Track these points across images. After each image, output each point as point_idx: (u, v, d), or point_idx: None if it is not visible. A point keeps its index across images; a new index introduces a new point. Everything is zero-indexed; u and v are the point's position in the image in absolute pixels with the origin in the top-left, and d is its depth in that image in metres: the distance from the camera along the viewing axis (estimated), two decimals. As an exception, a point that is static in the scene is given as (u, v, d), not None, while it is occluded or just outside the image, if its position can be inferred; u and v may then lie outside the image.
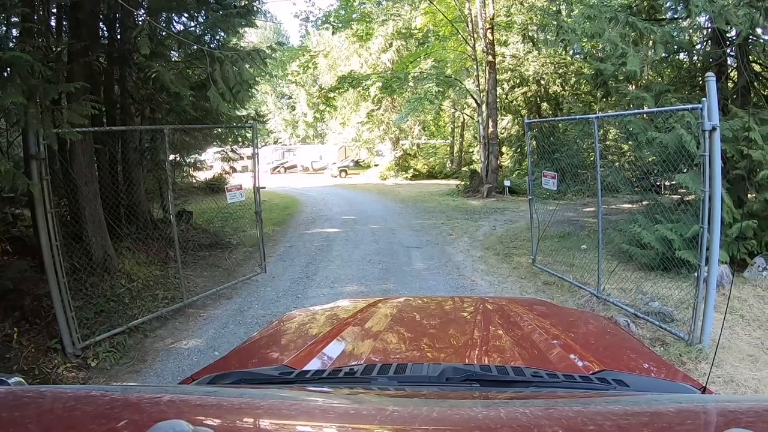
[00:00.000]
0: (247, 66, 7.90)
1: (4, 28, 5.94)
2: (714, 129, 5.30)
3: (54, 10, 8.03)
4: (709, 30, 9.64)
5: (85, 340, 5.89)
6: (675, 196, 10.08)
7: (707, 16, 9.15)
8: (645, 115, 8.84)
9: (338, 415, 1.05)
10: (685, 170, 7.71)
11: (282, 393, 1.33)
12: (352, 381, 1.46)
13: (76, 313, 5.83)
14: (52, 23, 8.08)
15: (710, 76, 5.40)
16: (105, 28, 8.80)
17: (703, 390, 1.58)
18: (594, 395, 1.37)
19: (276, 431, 0.97)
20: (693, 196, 7.93)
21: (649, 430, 0.95)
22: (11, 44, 5.90)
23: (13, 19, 6.08)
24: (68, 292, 5.70)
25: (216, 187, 13.34)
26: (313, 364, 1.70)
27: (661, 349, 5.65)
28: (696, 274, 5.76)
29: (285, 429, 0.98)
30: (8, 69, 5.15)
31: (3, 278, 6.32)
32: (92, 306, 6.80)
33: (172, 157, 9.82)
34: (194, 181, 13.41)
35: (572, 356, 1.79)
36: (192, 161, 12.60)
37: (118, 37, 8.88)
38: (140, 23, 7.91)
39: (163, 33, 8.62)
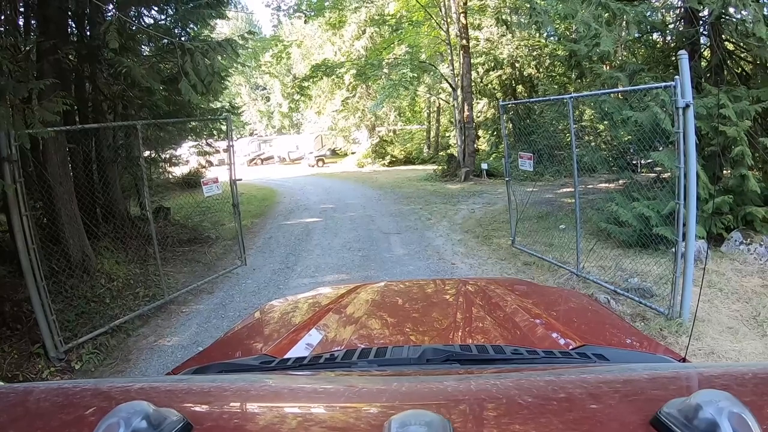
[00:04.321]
0: (219, 57, 7.84)
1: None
2: (687, 106, 5.38)
3: (21, 9, 7.88)
4: (682, 9, 9.71)
5: (68, 343, 5.84)
6: (651, 174, 10.21)
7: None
8: (620, 95, 8.93)
9: (305, 395, 1.07)
10: (660, 148, 7.80)
11: (253, 377, 1.36)
12: (333, 366, 1.46)
13: (57, 316, 5.77)
14: (20, 22, 7.94)
15: (683, 54, 5.47)
16: (74, 25, 8.65)
17: (683, 361, 1.61)
18: (570, 367, 1.38)
19: (237, 413, 0.99)
20: (669, 174, 8.03)
21: (620, 395, 0.97)
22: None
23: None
24: (48, 296, 5.63)
25: (193, 182, 13.27)
26: (294, 352, 1.70)
27: (642, 324, 5.75)
28: (674, 249, 5.89)
29: (248, 409, 1.00)
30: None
31: (-19, 286, 6.26)
32: (73, 308, 6.74)
33: (147, 153, 9.74)
34: (170, 176, 13.32)
35: (553, 333, 1.81)
36: (167, 157, 12.50)
37: (88, 33, 8.74)
38: (109, 18, 7.80)
39: (133, 27, 8.50)
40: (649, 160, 9.69)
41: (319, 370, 1.46)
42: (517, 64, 25.76)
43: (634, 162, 10.73)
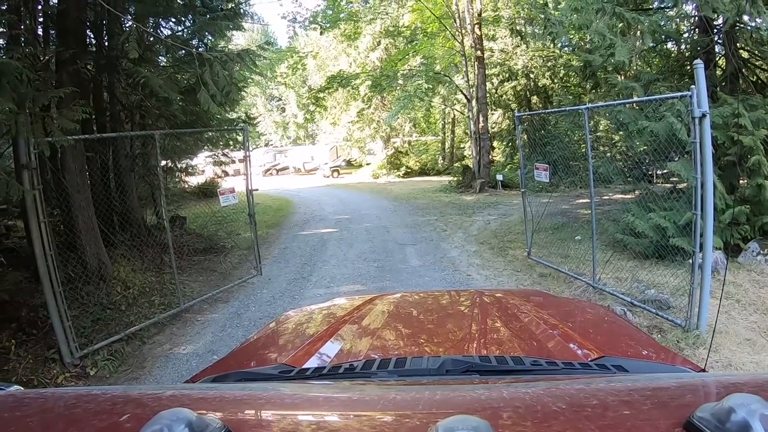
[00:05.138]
0: (237, 67, 7.89)
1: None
2: (704, 116, 5.32)
3: (41, 19, 7.99)
4: (696, 18, 9.66)
5: (83, 349, 5.87)
6: (667, 185, 10.12)
7: (694, 5, 9.18)
8: (635, 105, 8.87)
9: (341, 404, 1.07)
10: (676, 158, 7.74)
11: (283, 386, 1.35)
12: (352, 376, 1.46)
13: (73, 322, 5.80)
14: (39, 32, 8.05)
15: (698, 63, 5.42)
16: (92, 36, 8.76)
17: (702, 372, 1.60)
18: (595, 377, 1.38)
19: (279, 420, 0.98)
20: (685, 184, 7.96)
21: (651, 402, 0.97)
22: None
23: (-1, 30, 6.07)
24: (64, 302, 5.66)
25: (208, 191, 13.38)
26: (313, 362, 1.70)
27: (659, 336, 5.67)
28: (691, 260, 5.81)
29: (288, 418, 0.99)
30: (-2, 77, 5.13)
31: (-2, 290, 6.30)
32: (89, 315, 6.78)
33: (163, 162, 9.80)
34: (186, 186, 13.40)
35: (571, 344, 1.79)
36: (183, 166, 12.59)
37: (106, 44, 8.85)
38: (127, 29, 7.90)
39: (151, 38, 8.60)
40: (665, 171, 9.62)
41: (339, 380, 1.45)
42: (531, 75, 25.77)
43: (649, 172, 10.64)
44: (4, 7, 6.34)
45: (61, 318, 5.59)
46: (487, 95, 23.39)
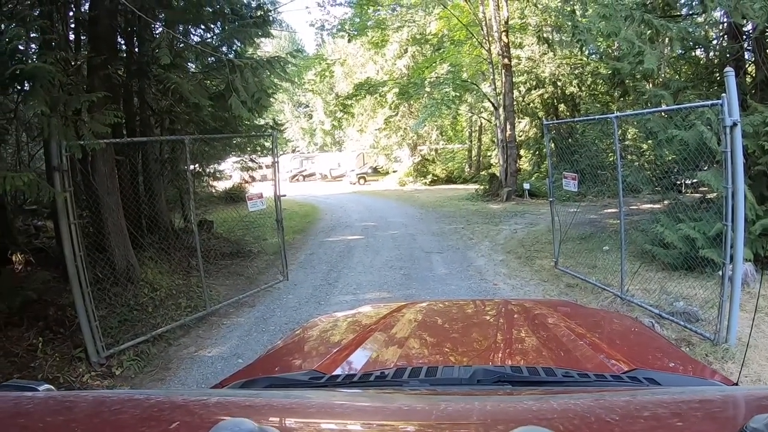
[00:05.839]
0: (266, 73, 7.96)
1: (24, 41, 6.00)
2: (735, 124, 5.22)
3: (72, 25, 8.14)
4: (725, 25, 9.51)
5: (110, 349, 5.93)
6: (696, 195, 9.96)
7: (723, 11, 9.04)
8: (663, 113, 8.74)
9: (392, 413, 1.05)
10: (706, 167, 7.60)
11: (328, 394, 1.35)
12: (384, 384, 1.45)
13: (100, 322, 5.88)
14: (71, 38, 8.20)
15: (729, 71, 5.33)
16: (123, 42, 8.89)
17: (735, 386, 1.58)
18: (634, 389, 1.35)
19: (335, 430, 0.97)
20: (715, 194, 7.82)
21: (702, 414, 0.97)
22: (32, 57, 5.98)
23: (32, 35, 6.17)
24: (92, 302, 5.74)
25: (235, 196, 13.46)
26: (343, 369, 1.69)
27: (687, 349, 5.55)
28: (720, 272, 5.70)
29: (345, 428, 0.98)
30: (31, 81, 5.22)
31: (27, 289, 6.41)
32: (116, 315, 6.86)
33: (192, 167, 9.91)
34: (214, 191, 13.53)
35: (601, 356, 1.77)
36: (211, 171, 12.71)
37: (136, 50, 8.98)
38: (158, 35, 8.01)
39: (181, 45, 8.71)
40: (694, 180, 9.46)
41: (370, 387, 1.44)
42: (558, 83, 25.53)
43: (678, 182, 10.48)
44: (36, 13, 6.45)
45: (89, 318, 5.66)
46: (514, 103, 23.27)
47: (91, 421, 0.99)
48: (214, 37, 9.42)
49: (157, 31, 8.52)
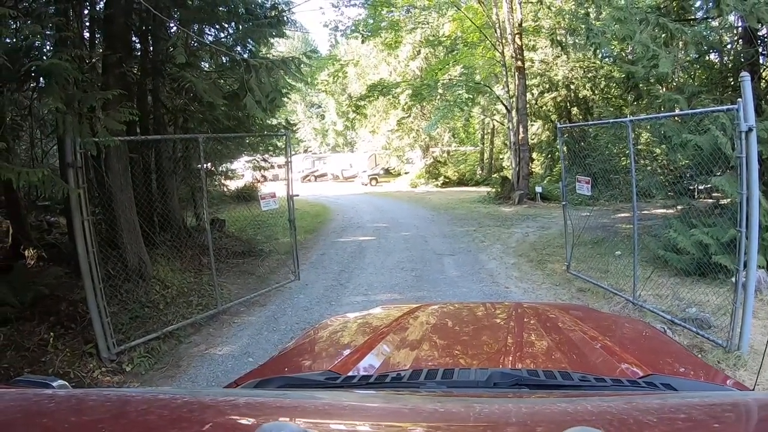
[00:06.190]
0: (281, 73, 7.96)
1: (39, 38, 6.05)
2: (750, 130, 5.16)
3: (87, 23, 8.19)
4: (740, 29, 9.45)
5: (120, 345, 5.95)
6: (710, 200, 9.87)
7: (738, 15, 8.98)
8: (677, 118, 8.68)
9: (429, 415, 1.02)
10: (719, 173, 7.53)
11: (363, 394, 1.35)
12: (399, 386, 1.44)
13: (111, 318, 5.90)
14: (86, 35, 8.25)
15: (745, 76, 5.28)
16: (137, 40, 8.93)
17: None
18: (664, 394, 1.35)
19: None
20: (728, 200, 7.75)
21: (737, 416, 0.98)
22: (48, 54, 6.02)
23: (47, 32, 6.21)
24: (104, 298, 5.76)
25: (247, 195, 13.48)
26: (359, 370, 1.69)
27: (699, 356, 5.48)
28: (733, 279, 5.65)
29: (379, 428, 0.96)
30: (46, 77, 5.25)
31: (39, 284, 6.47)
32: (127, 312, 6.88)
33: (205, 165, 9.95)
34: (226, 189, 13.57)
35: (617, 361, 1.76)
36: (224, 170, 12.75)
37: (151, 48, 9.02)
38: (173, 34, 8.04)
39: (196, 44, 8.74)
40: (707, 186, 9.39)
41: (386, 389, 1.43)
42: (572, 86, 25.40)
43: (692, 187, 10.40)
44: (52, 10, 6.49)
45: (100, 314, 5.68)
46: (527, 106, 23.19)
47: (118, 422, 0.97)
48: (229, 36, 9.45)
49: (172, 30, 8.55)
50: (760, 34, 8.86)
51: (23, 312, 6.06)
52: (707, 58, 11.20)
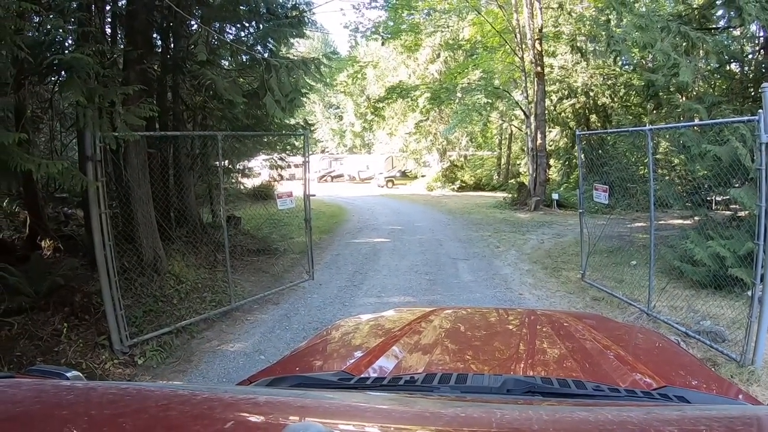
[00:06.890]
0: (301, 74, 7.99)
1: (62, 32, 6.10)
2: (770, 142, 5.10)
3: (109, 19, 8.27)
4: (762, 39, 9.35)
5: (133, 338, 6.01)
6: (727, 212, 9.77)
7: (760, 25, 8.89)
8: (696, 128, 8.60)
9: (451, 419, 1.02)
10: (738, 185, 7.45)
11: (380, 396, 1.34)
12: (413, 389, 1.45)
13: (125, 311, 5.96)
14: (107, 31, 8.33)
15: (766, 86, 5.20)
16: (158, 37, 9.00)
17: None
18: (681, 405, 1.36)
19: None
20: (746, 212, 7.66)
21: (756, 429, 0.97)
22: (70, 49, 6.08)
23: (69, 27, 6.27)
24: (119, 291, 5.82)
25: (263, 194, 13.53)
26: (372, 371, 1.70)
27: (712, 369, 5.43)
28: (749, 293, 5.59)
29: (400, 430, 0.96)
30: (68, 71, 5.30)
31: (55, 274, 6.53)
32: (141, 305, 6.93)
33: (222, 163, 10.01)
34: (242, 187, 13.63)
35: (631, 371, 1.75)
36: (241, 168, 12.81)
37: (172, 45, 9.09)
38: (194, 32, 8.09)
39: (216, 42, 8.79)
40: (725, 197, 9.29)
41: (400, 391, 1.44)
42: (591, 93, 25.23)
43: (709, 198, 10.29)
44: (75, 5, 6.55)
45: (114, 306, 5.73)
46: (546, 112, 23.07)
47: (139, 417, 0.96)
48: (249, 35, 9.50)
49: (193, 28, 8.61)
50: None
51: (38, 302, 6.13)
52: (728, 67, 11.11)
